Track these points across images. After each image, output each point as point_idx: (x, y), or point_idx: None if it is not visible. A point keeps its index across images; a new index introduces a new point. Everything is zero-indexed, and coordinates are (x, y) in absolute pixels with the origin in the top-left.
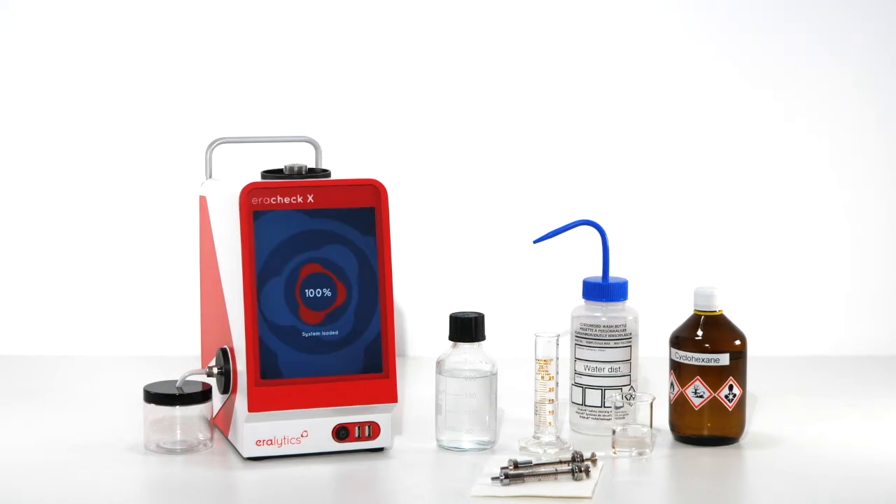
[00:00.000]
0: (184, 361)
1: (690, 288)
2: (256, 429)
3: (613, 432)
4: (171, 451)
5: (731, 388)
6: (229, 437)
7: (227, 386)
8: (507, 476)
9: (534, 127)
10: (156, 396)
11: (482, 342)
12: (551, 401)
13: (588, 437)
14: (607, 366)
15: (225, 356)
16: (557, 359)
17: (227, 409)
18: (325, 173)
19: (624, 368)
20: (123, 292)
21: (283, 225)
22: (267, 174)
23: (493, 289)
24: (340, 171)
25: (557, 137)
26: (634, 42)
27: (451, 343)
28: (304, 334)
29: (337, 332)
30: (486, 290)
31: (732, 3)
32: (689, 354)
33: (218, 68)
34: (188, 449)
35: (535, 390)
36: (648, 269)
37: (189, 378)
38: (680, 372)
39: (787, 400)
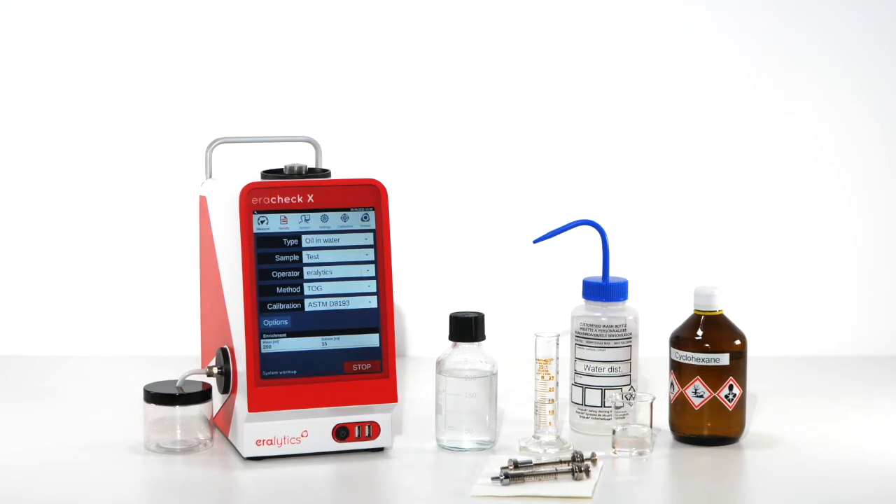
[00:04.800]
0: (184, 361)
1: (690, 288)
2: (256, 429)
3: (613, 432)
4: (171, 451)
5: (731, 388)
6: (229, 437)
7: (227, 386)
8: (507, 476)
9: (534, 127)
10: (156, 396)
11: (482, 342)
12: (551, 401)
13: (588, 437)
14: (607, 366)
15: (225, 356)
16: (557, 359)
17: (227, 409)
18: (325, 173)
19: (624, 368)
20: (123, 292)
21: (282, 225)
22: (267, 174)
23: (493, 289)
24: (340, 171)
25: (557, 137)
26: (634, 42)
27: (451, 343)
28: (304, 334)
29: (337, 333)
30: (486, 290)
31: (733, 3)
32: (689, 354)
33: (218, 68)
34: (188, 449)
35: (535, 390)
36: (648, 269)
37: (189, 378)
38: (680, 372)
39: (787, 400)
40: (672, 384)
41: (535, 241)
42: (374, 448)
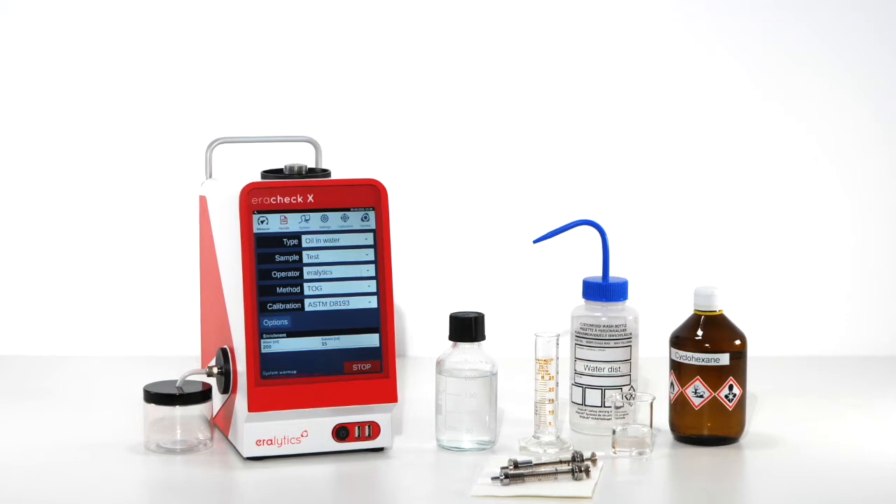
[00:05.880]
0: (184, 361)
1: (690, 288)
2: (256, 429)
3: (613, 432)
4: (171, 451)
5: (731, 388)
6: (229, 437)
7: (227, 386)
8: (507, 476)
9: (534, 127)
10: (156, 396)
11: (482, 342)
12: (551, 401)
13: (588, 437)
14: (607, 366)
15: (225, 356)
16: (557, 359)
17: (227, 409)
18: (325, 173)
19: (624, 368)
20: (123, 292)
21: (282, 225)
22: (267, 174)
23: (493, 289)
24: (340, 171)
25: (557, 137)
26: (634, 42)
27: (451, 343)
28: (304, 334)
29: (337, 332)
30: (486, 290)
31: (733, 3)
32: (689, 354)
33: (218, 68)
34: (188, 449)
35: (535, 390)
36: (648, 269)
37: (189, 378)
38: (680, 372)
39: (787, 400)
40: (672, 384)
41: (535, 241)
42: (374, 448)
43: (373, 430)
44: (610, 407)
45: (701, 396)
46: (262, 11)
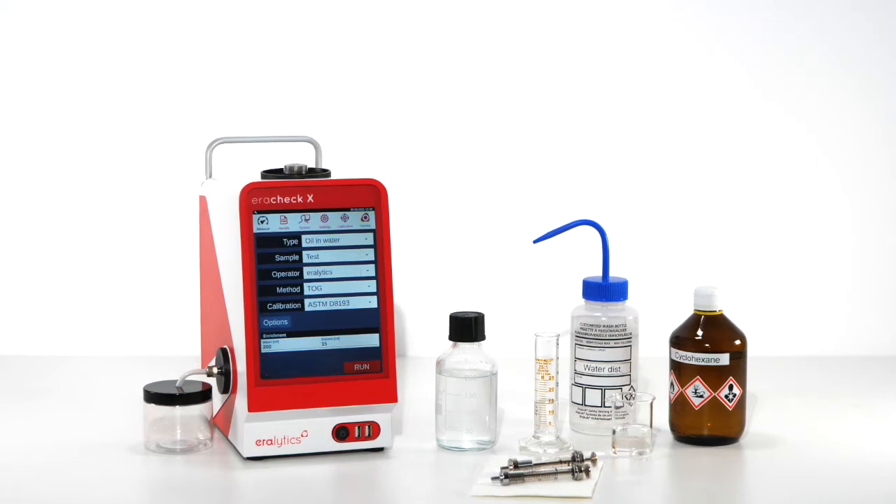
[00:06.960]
0: (184, 361)
1: (690, 288)
2: (256, 429)
3: (613, 432)
4: (171, 451)
5: (731, 387)
6: (229, 437)
7: (227, 386)
8: (507, 476)
9: (534, 127)
10: (156, 396)
11: (482, 342)
12: (551, 401)
13: (588, 437)
14: (607, 366)
15: (225, 356)
16: (557, 359)
17: (227, 408)
18: (325, 173)
19: (624, 368)
20: (123, 292)
21: (282, 225)
22: (267, 174)
23: (493, 289)
24: (340, 171)
25: (557, 137)
26: (634, 42)
27: (451, 343)
28: (304, 334)
29: (337, 332)
30: (486, 290)
31: (733, 3)
32: (689, 354)
33: (218, 68)
34: (188, 449)
35: (535, 390)
36: (648, 269)
37: (189, 378)
38: (680, 372)
39: (787, 400)
40: (672, 384)
41: (535, 241)
42: (374, 448)
43: (373, 430)
44: (610, 407)
45: (701, 396)
46: (262, 12)
